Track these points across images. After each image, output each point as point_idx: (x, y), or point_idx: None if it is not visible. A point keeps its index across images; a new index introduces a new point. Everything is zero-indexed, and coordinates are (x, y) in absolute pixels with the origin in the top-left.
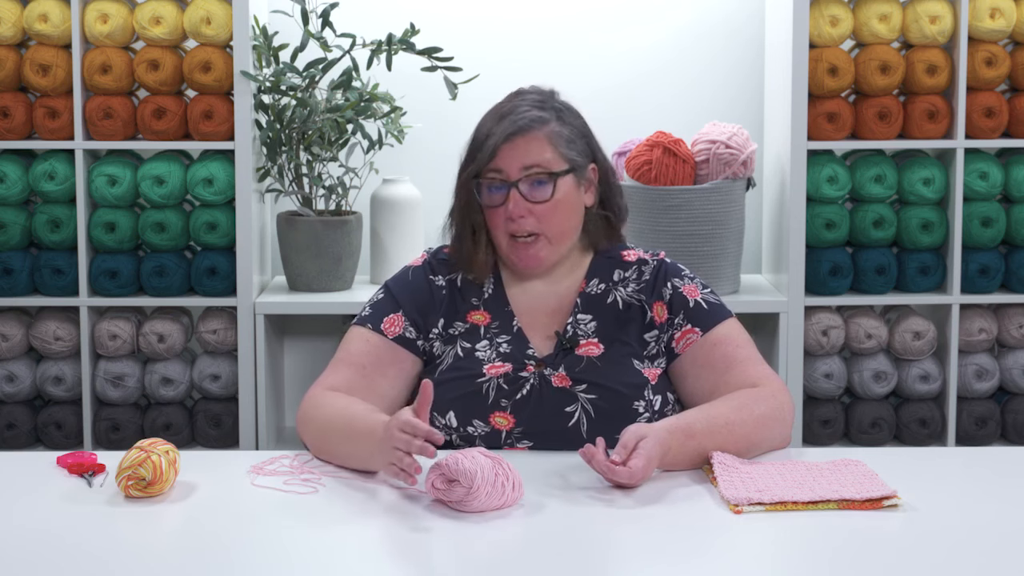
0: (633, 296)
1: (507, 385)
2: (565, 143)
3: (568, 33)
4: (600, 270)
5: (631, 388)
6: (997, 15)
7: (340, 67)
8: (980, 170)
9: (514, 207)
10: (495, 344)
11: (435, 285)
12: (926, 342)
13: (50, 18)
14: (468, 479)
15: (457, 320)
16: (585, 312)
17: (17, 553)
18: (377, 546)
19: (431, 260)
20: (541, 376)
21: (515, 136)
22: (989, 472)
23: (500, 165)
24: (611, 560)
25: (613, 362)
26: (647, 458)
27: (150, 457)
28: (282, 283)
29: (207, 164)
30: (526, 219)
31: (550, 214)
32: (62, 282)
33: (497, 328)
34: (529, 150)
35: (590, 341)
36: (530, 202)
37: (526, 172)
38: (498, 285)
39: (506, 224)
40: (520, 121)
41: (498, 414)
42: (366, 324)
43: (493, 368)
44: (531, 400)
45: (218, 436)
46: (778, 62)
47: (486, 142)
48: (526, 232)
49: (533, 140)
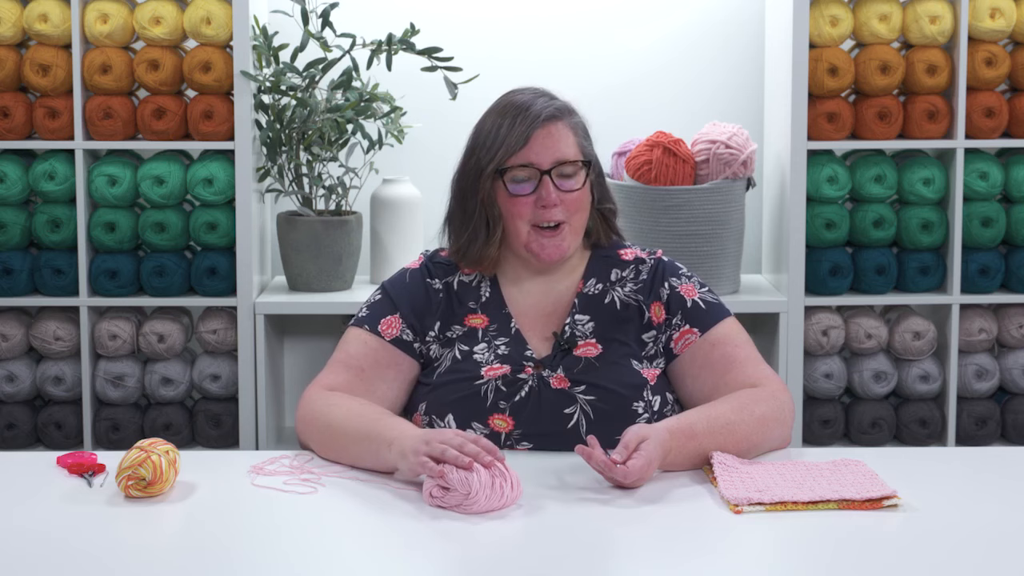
0: (631, 296)
1: (505, 387)
2: (583, 136)
3: (568, 33)
4: (597, 270)
5: (630, 389)
6: (997, 15)
7: (340, 67)
8: (980, 170)
9: (548, 196)
10: (493, 346)
11: (432, 288)
12: (926, 342)
13: (50, 18)
14: (465, 485)
15: (455, 323)
16: (583, 312)
17: (17, 553)
18: (377, 546)
19: (428, 263)
20: (540, 378)
21: (547, 123)
22: (989, 472)
23: (530, 155)
24: (611, 560)
25: (611, 363)
26: (647, 459)
27: (150, 457)
28: (282, 283)
29: (207, 164)
30: (557, 208)
31: (576, 204)
32: (62, 282)
33: (495, 330)
34: (560, 140)
35: (588, 342)
36: (562, 191)
37: (557, 162)
38: (495, 288)
39: (533, 214)
40: (548, 110)
41: (497, 416)
42: (363, 325)
43: (491, 370)
44: (530, 402)
45: (218, 436)
46: (778, 62)
47: (510, 134)
48: (555, 221)
49: (562, 129)
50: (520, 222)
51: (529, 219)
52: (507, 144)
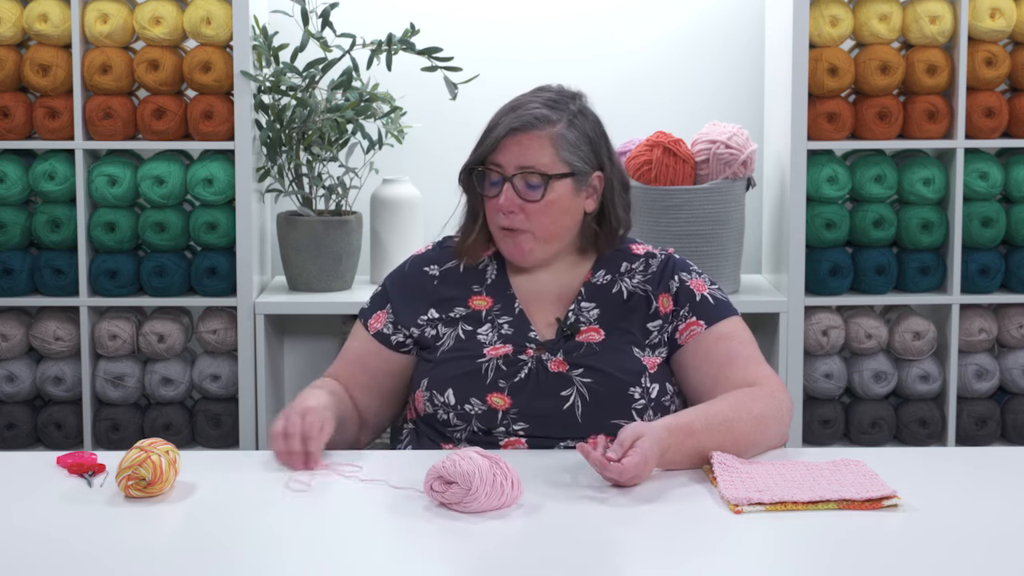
0: (639, 287)
1: (506, 367)
2: (568, 147)
3: (568, 33)
4: (607, 262)
5: (628, 374)
6: (997, 15)
7: (340, 67)
8: (980, 170)
9: (504, 201)
10: (497, 326)
11: (427, 275)
12: (926, 342)
13: (50, 18)
14: (466, 481)
15: (457, 305)
16: (589, 300)
17: (17, 553)
18: (377, 546)
19: (435, 248)
20: (539, 360)
21: (517, 132)
22: (989, 472)
23: (499, 159)
24: (611, 560)
25: (612, 348)
26: (643, 456)
27: (150, 457)
28: (282, 283)
29: (207, 164)
30: (516, 215)
31: (539, 214)
32: (62, 282)
33: (499, 310)
34: (528, 149)
35: (591, 328)
36: (521, 199)
37: (520, 171)
38: (501, 271)
39: (497, 216)
40: (524, 117)
41: (495, 394)
42: (361, 318)
43: (493, 350)
44: (528, 383)
45: (218, 436)
46: (778, 62)
47: (491, 133)
48: (514, 227)
49: (534, 139)
50: (491, 222)
51: (496, 222)
52: (485, 145)
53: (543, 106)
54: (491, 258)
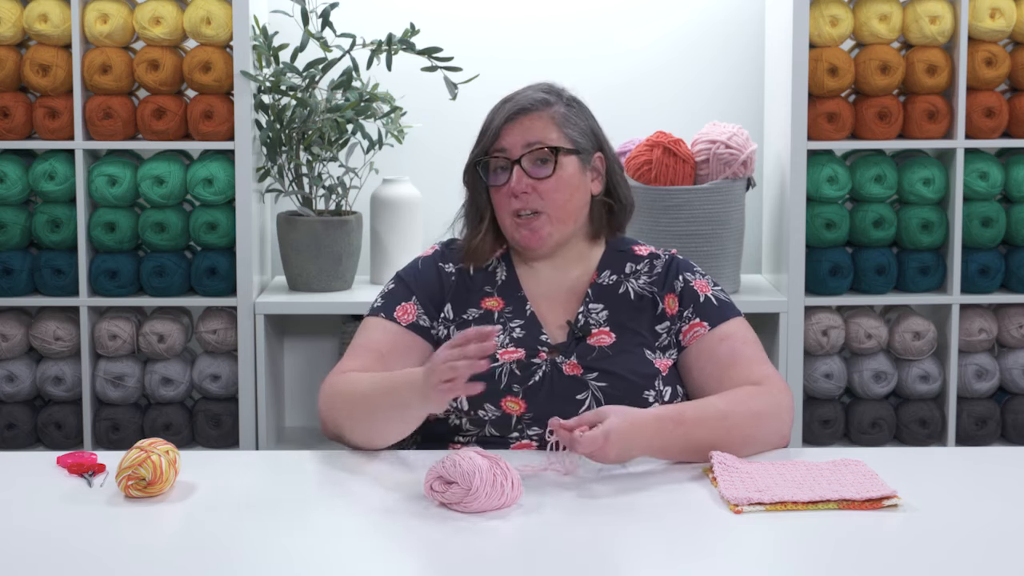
0: (645, 288)
1: (520, 371)
2: (570, 125)
3: (568, 33)
4: (612, 262)
5: (642, 377)
6: (997, 15)
7: (340, 67)
8: (980, 170)
9: (516, 183)
10: (508, 329)
11: (444, 272)
12: (926, 342)
13: (50, 18)
14: (467, 480)
15: (470, 306)
16: (597, 302)
17: (17, 553)
18: (376, 546)
19: (443, 249)
20: (553, 364)
21: (519, 115)
22: (989, 472)
23: (503, 144)
24: (610, 560)
25: (624, 351)
26: (604, 431)
27: (150, 457)
28: (282, 283)
29: (207, 164)
30: (529, 196)
31: (552, 191)
32: (62, 282)
33: (511, 313)
34: (532, 128)
35: (602, 330)
36: (532, 178)
37: (527, 149)
38: (511, 272)
39: (510, 202)
40: (523, 101)
41: (510, 399)
42: (379, 313)
43: (507, 353)
44: (543, 387)
45: (218, 436)
46: (778, 62)
47: (491, 125)
48: (529, 209)
49: (537, 119)
50: (503, 213)
51: (509, 209)
52: (486, 136)
53: (538, 92)
54: (499, 260)
